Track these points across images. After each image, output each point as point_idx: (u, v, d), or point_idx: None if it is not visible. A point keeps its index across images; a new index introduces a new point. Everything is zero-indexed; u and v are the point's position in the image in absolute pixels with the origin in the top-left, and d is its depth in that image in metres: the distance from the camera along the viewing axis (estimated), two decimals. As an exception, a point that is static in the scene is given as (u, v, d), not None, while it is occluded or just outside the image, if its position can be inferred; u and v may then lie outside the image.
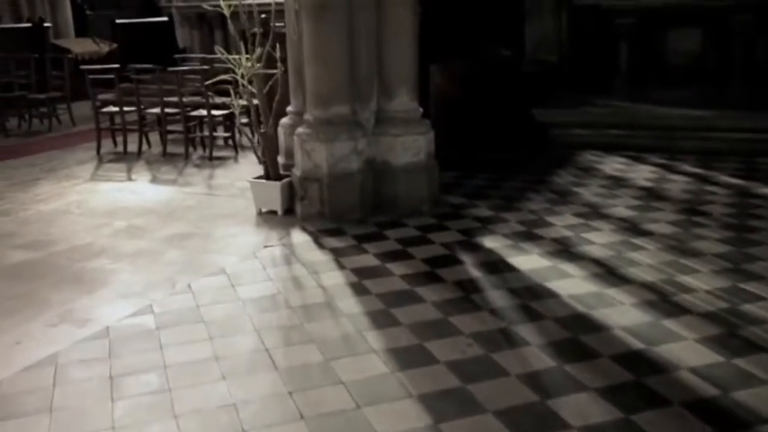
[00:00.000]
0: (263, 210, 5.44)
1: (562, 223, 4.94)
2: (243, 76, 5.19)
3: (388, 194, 5.28)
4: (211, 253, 4.62)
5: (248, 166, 6.58)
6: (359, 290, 3.92)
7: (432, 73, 6.54)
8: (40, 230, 5.18)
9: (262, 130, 5.35)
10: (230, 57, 5.14)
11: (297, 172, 5.24)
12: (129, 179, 6.72)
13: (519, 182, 6.09)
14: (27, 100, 9.62)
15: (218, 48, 5.34)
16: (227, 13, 5.20)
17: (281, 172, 5.53)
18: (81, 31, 13.22)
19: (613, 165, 6.58)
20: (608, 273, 4.05)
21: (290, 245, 4.74)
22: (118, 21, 13.31)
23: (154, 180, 6.64)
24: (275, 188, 5.33)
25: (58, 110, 9.80)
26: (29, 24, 11.96)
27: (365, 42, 5.18)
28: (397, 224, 5.04)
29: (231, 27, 5.34)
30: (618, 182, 5.99)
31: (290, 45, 5.56)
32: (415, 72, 5.37)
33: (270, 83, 5.35)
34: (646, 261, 4.18)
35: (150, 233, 5.05)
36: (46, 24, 12.07)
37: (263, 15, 5.99)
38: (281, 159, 5.71)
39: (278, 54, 5.16)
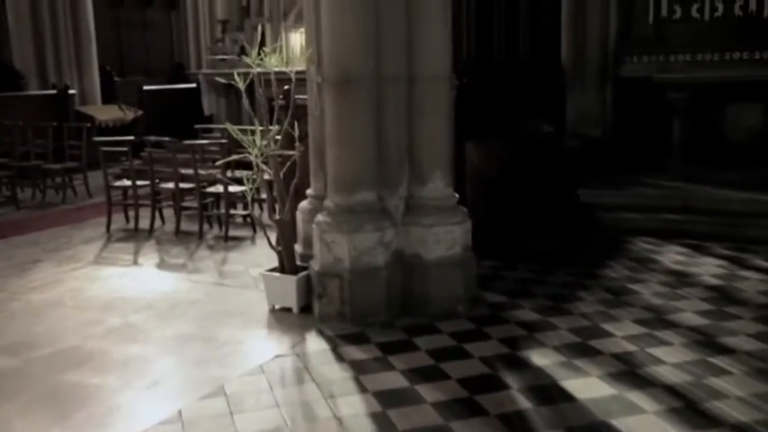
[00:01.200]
0: (277, 306, 4.80)
1: (622, 333, 4.21)
2: (258, 157, 4.63)
3: (419, 293, 4.62)
4: (211, 364, 3.97)
5: (266, 249, 5.90)
6: (383, 424, 3.22)
7: (467, 151, 5.95)
8: (25, 328, 4.58)
9: (277, 217, 4.76)
10: (244, 137, 4.58)
11: (315, 266, 4.61)
12: (135, 263, 6.15)
13: (565, 275, 5.39)
14: (42, 170, 9.23)
15: (228, 125, 4.80)
16: (241, 86, 4.69)
17: (298, 263, 4.92)
18: (109, 98, 13.01)
19: (672, 256, 5.85)
20: (688, 407, 3.30)
21: (303, 355, 4.07)
22: (145, 87, 13.11)
23: (161, 264, 6.06)
24: (290, 283, 4.70)
25: (75, 180, 9.39)
26: (53, 91, 11.73)
27: (394, 121, 4.61)
28: (428, 329, 4.35)
29: (246, 101, 4.83)
30: (680, 278, 5.25)
31: (311, 121, 5.01)
32: (451, 154, 4.78)
33: (288, 164, 4.80)
34: (734, 392, 3.42)
35: (146, 334, 4.43)
36: (71, 91, 11.84)
37: (285, 87, 5.50)
38: (298, 248, 5.10)
39: (296, 132, 4.61)
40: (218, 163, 6.30)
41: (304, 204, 5.12)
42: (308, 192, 5.12)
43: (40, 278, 5.67)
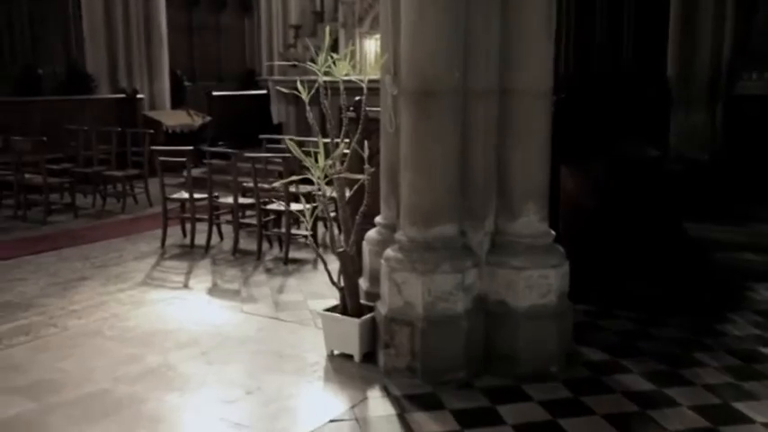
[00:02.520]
0: (336, 352, 4.14)
1: (764, 418, 3.36)
2: (321, 179, 3.99)
3: (504, 347, 3.87)
4: (254, 429, 3.32)
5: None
6: None
7: (562, 177, 5.16)
8: (53, 363, 4.05)
9: (340, 249, 4.10)
10: (305, 157, 3.95)
11: (382, 309, 3.93)
12: (186, 286, 5.61)
13: (677, 329, 4.54)
14: (103, 177, 8.88)
15: (289, 142, 4.18)
16: (304, 96, 4.06)
17: (363, 301, 4.25)
18: (178, 103, 12.73)
19: (806, 309, 4.92)
20: None
21: (363, 421, 3.39)
22: (214, 93, 12.77)
23: (213, 290, 5.49)
24: (352, 327, 4.03)
25: (136, 188, 9.02)
26: (122, 95, 11.48)
27: (482, 142, 3.89)
28: (515, 394, 3.61)
29: (310, 113, 4.20)
30: (823, 340, 4.35)
31: (384, 138, 4.34)
32: (547, 182, 4.02)
33: (356, 187, 4.14)
34: None
35: (185, 380, 3.83)
36: (139, 95, 11.57)
37: (356, 98, 4.87)
38: (363, 284, 4.43)
39: (365, 152, 3.94)
40: (275, 184, 5.72)
41: (372, 234, 4.45)
42: (378, 219, 4.45)
43: (83, 299, 5.19)
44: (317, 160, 4.00)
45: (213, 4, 14.00)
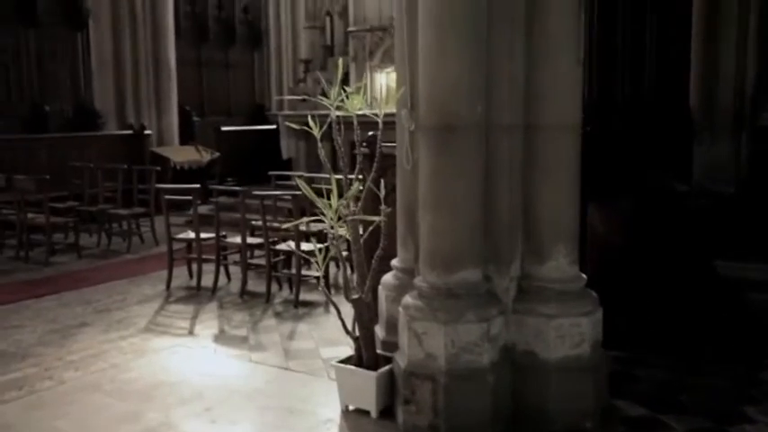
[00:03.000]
0: (351, 407, 3.83)
1: (828, 485, 3.02)
2: (334, 220, 3.72)
3: (534, 403, 3.56)
4: (263, 498, 3.02)
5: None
6: None
7: (589, 214, 4.88)
8: (48, 422, 3.76)
9: (354, 296, 3.81)
10: (317, 198, 3.69)
11: (401, 361, 3.63)
12: (191, 332, 5.32)
13: (718, 377, 4.21)
14: (108, 215, 8.66)
15: (299, 181, 3.93)
16: (316, 132, 3.81)
17: (380, 351, 3.95)
18: (187, 139, 12.56)
19: None
20: None
21: (383, 490, 3.07)
22: (223, 128, 12.61)
23: (220, 337, 5.20)
24: (369, 380, 3.72)
25: (143, 227, 8.78)
26: (130, 132, 11.33)
27: (507, 180, 3.62)
28: (548, 457, 3.29)
29: (321, 150, 3.95)
30: None
31: (400, 176, 4.08)
32: (577, 223, 3.74)
33: (370, 228, 3.88)
34: None
35: (187, 442, 3.53)
36: (147, 131, 11.41)
37: (370, 133, 4.64)
38: (379, 332, 4.13)
39: (381, 191, 3.68)
40: (286, 226, 5.47)
41: (388, 278, 4.16)
42: (394, 263, 4.17)
43: (82, 349, 4.90)
44: (329, 199, 3.74)
45: (222, 39, 13.93)
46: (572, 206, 3.68)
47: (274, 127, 13.08)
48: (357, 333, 3.87)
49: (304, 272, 6.09)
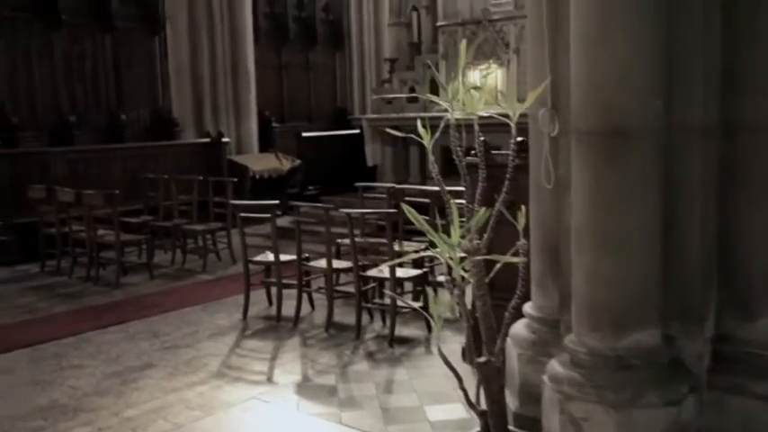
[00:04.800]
0: (477, 507, 2.87)
1: None
2: (455, 260, 2.76)
3: None
4: None
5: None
6: None
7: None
8: None
9: (481, 359, 2.85)
10: (434, 235, 2.73)
11: (548, 453, 2.65)
12: (269, 380, 4.48)
13: None
14: (183, 230, 8.00)
15: (406, 208, 2.97)
16: (427, 142, 2.86)
17: (511, 428, 2.97)
18: (266, 146, 11.91)
19: None
20: None
21: None
22: (304, 134, 11.89)
23: (303, 387, 4.33)
24: (502, 475, 2.76)
25: (219, 242, 8.09)
26: (207, 139, 10.73)
27: (698, 205, 2.59)
28: None
29: (434, 164, 3.00)
30: None
31: (537, 198, 3.11)
32: (798, 262, 2.67)
33: (497, 267, 2.91)
34: None
35: None
36: (224, 139, 10.79)
37: (481, 138, 3.70)
38: (510, 402, 3.16)
39: (521, 220, 2.70)
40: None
41: (521, 331, 3.18)
42: (528, 309, 3.18)
43: (142, 400, 4.13)
44: (446, 232, 2.79)
45: (303, 40, 13.21)
46: (792, 239, 2.61)
47: (357, 132, 12.29)
48: (483, 406, 2.91)
49: (400, 302, 5.18)
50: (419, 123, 2.89)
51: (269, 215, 5.74)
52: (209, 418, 3.88)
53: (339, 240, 6.08)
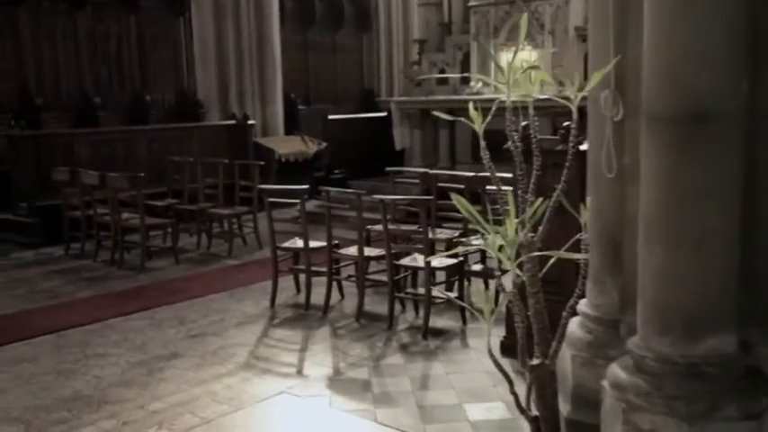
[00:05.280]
0: None
1: None
2: (510, 258, 2.54)
3: None
4: None
5: (484, 360, 3.89)
6: None
7: None
8: None
9: (534, 361, 2.63)
10: (486, 226, 2.50)
11: (610, 466, 2.44)
12: (299, 372, 4.30)
13: None
14: (208, 214, 7.85)
15: (457, 198, 2.74)
16: (478, 127, 2.62)
17: (564, 434, 2.76)
18: (291, 128, 11.70)
19: None
20: None
21: None
22: (330, 117, 11.66)
23: (334, 380, 4.15)
24: (557, 488, 2.55)
25: (245, 227, 7.93)
26: (232, 122, 10.55)
27: (782, 196, 2.35)
28: None
29: (485, 151, 2.77)
30: None
31: (595, 187, 2.87)
32: None
33: (551, 262, 2.68)
34: None
35: None
36: (250, 122, 10.60)
37: (524, 123, 3.47)
38: (562, 407, 2.94)
39: (585, 212, 2.48)
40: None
41: (576, 331, 2.95)
42: (583, 308, 2.95)
43: (169, 393, 3.98)
44: (500, 225, 2.56)
45: (330, 22, 12.95)
46: None
47: (385, 114, 12.02)
48: (536, 411, 2.70)
49: (435, 292, 4.97)
50: (470, 106, 2.66)
51: (297, 200, 5.55)
52: (238, 413, 3.71)
53: (369, 227, 5.88)
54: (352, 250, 5.41)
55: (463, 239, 5.70)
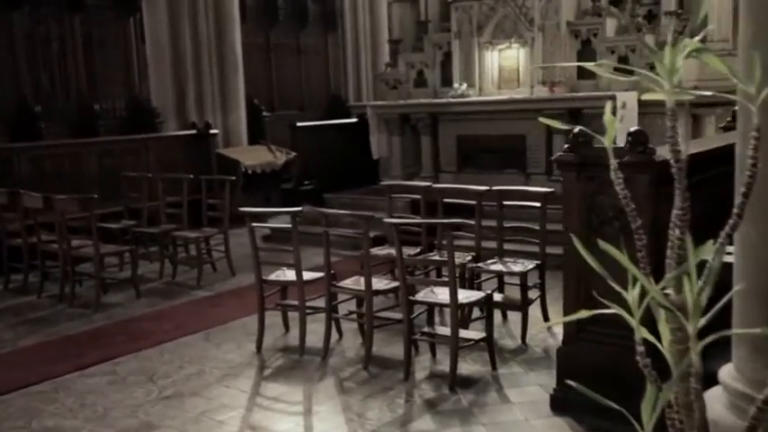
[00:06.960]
0: None
1: None
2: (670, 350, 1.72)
3: None
4: None
5: (533, 421, 3.08)
6: None
7: None
8: None
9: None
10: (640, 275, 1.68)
11: None
12: (310, 448, 3.44)
13: None
14: (172, 237, 6.88)
15: (575, 238, 1.91)
16: (608, 138, 1.81)
17: None
18: (255, 137, 10.75)
19: None
20: None
21: None
22: (298, 124, 10.74)
23: (356, 458, 3.30)
24: None
25: (214, 251, 6.99)
26: (193, 131, 9.56)
27: None
28: None
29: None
30: None
31: (759, 216, 2.07)
32: None
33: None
34: None
35: None
36: (212, 131, 9.64)
37: (577, 128, 2.74)
38: None
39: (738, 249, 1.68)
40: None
41: (721, 413, 2.15)
42: (730, 381, 2.15)
43: (145, 487, 3.06)
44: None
45: (292, 21, 12.05)
46: None
47: (356, 120, 11.17)
48: None
49: (463, 334, 4.14)
50: (607, 108, 1.86)
51: (288, 226, 4.66)
52: None
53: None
54: (352, 282, 4.57)
55: (480, 265, 4.92)
